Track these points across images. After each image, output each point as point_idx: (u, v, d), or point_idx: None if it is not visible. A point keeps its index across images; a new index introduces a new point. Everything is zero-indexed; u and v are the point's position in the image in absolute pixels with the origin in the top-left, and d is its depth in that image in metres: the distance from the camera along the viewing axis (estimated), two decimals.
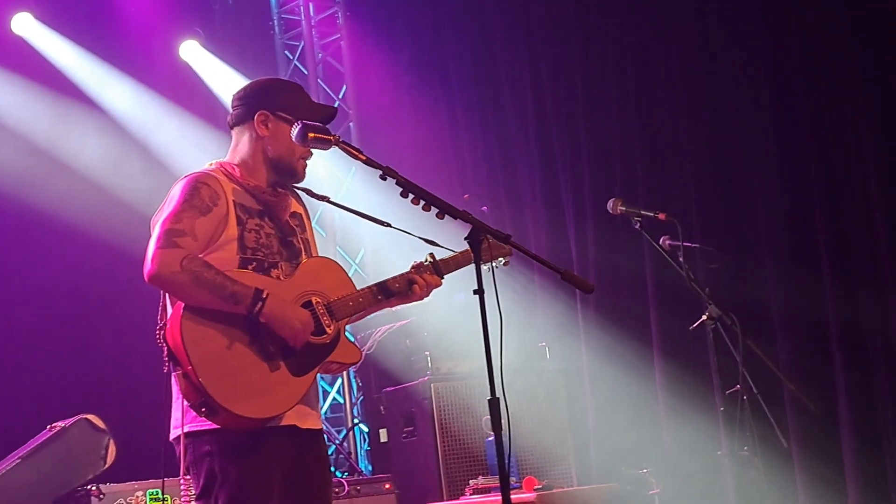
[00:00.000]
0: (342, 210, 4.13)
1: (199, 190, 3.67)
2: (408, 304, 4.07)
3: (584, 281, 3.69)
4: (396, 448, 7.23)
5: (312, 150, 3.87)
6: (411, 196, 3.61)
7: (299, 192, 4.00)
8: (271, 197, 3.82)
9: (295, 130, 3.69)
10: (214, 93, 8.90)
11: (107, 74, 8.25)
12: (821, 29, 6.59)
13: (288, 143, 3.79)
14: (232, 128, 3.91)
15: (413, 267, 4.00)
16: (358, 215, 4.10)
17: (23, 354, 7.60)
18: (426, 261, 4.02)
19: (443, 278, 4.03)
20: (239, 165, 3.83)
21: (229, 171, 3.81)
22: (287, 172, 3.86)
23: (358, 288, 3.89)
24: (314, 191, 4.03)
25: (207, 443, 3.61)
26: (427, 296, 4.02)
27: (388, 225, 3.99)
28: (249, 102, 3.86)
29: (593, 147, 7.74)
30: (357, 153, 3.67)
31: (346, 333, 3.87)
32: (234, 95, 3.94)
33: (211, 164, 3.86)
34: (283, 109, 3.82)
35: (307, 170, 3.93)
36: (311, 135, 3.67)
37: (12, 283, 7.65)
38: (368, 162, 3.64)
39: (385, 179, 3.57)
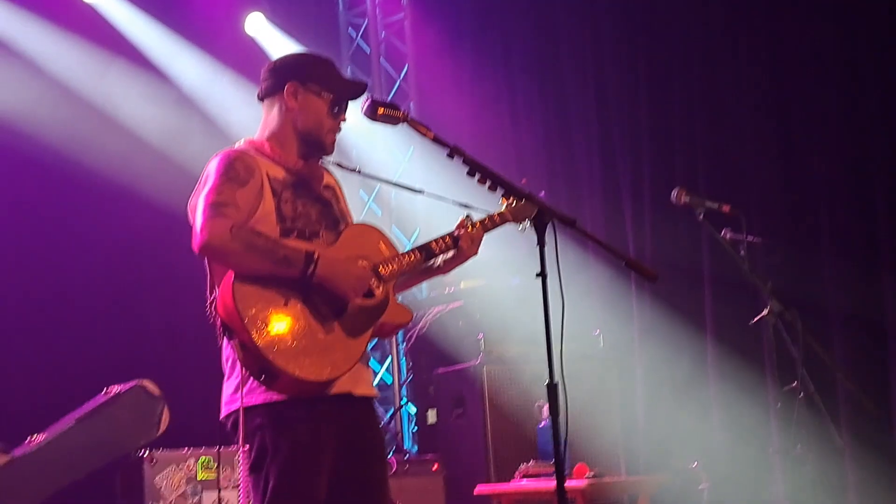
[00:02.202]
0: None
1: (234, 164, 3.66)
2: (464, 278, 4.00)
3: (648, 269, 3.66)
4: (445, 429, 7.23)
5: (342, 126, 3.85)
6: (478, 176, 3.60)
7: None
8: (303, 169, 3.81)
9: (364, 105, 3.67)
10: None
11: (173, 43, 8.31)
12: (892, 20, 6.49)
13: (317, 115, 3.78)
14: (261, 100, 3.89)
15: (456, 226, 3.98)
16: (391, 184, 4.14)
17: (80, 317, 7.65)
18: (466, 220, 4.00)
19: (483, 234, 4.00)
20: (269, 140, 3.81)
21: (259, 146, 3.79)
22: (315, 145, 3.82)
23: (401, 252, 3.88)
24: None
25: (259, 416, 3.59)
26: (476, 252, 3.97)
27: (422, 192, 4.01)
28: (279, 74, 3.83)
29: (654, 136, 7.69)
30: (425, 130, 3.66)
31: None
32: (263, 68, 3.92)
33: (240, 143, 3.84)
34: (313, 81, 3.79)
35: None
36: (381, 110, 3.65)
37: (72, 243, 7.71)
38: (436, 140, 3.63)
39: (452, 158, 3.55)
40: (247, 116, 8.19)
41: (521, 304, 6.79)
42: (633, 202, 7.72)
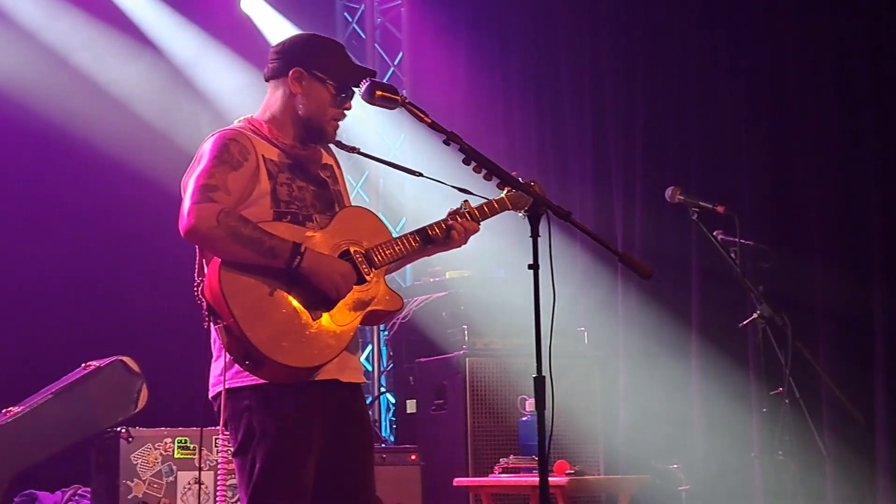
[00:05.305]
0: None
1: (229, 146, 3.62)
2: (449, 268, 3.97)
3: (643, 265, 3.61)
4: (424, 420, 7.17)
5: (346, 114, 3.81)
6: (473, 164, 3.57)
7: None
8: (301, 151, 3.76)
9: (362, 87, 3.64)
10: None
11: (167, 17, 8.25)
12: (890, 24, 6.46)
13: (320, 103, 3.73)
14: (267, 80, 3.84)
15: (449, 213, 3.93)
16: (389, 165, 4.10)
17: (59, 290, 7.58)
18: (462, 208, 3.95)
19: (479, 224, 3.96)
20: (268, 122, 3.76)
21: (257, 127, 3.74)
22: (316, 132, 3.78)
23: (394, 237, 3.84)
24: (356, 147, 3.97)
25: (247, 398, 3.56)
26: (465, 242, 3.94)
27: (420, 174, 3.96)
28: (286, 58, 3.78)
29: (648, 133, 7.65)
30: (423, 115, 3.63)
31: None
32: (272, 48, 3.87)
33: (239, 121, 3.79)
34: (319, 68, 3.73)
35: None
36: (379, 93, 3.62)
37: (56, 216, 7.63)
38: (433, 125, 3.59)
39: (448, 144, 3.52)
40: (238, 95, 8.18)
41: (507, 296, 6.74)
42: (625, 199, 7.68)
